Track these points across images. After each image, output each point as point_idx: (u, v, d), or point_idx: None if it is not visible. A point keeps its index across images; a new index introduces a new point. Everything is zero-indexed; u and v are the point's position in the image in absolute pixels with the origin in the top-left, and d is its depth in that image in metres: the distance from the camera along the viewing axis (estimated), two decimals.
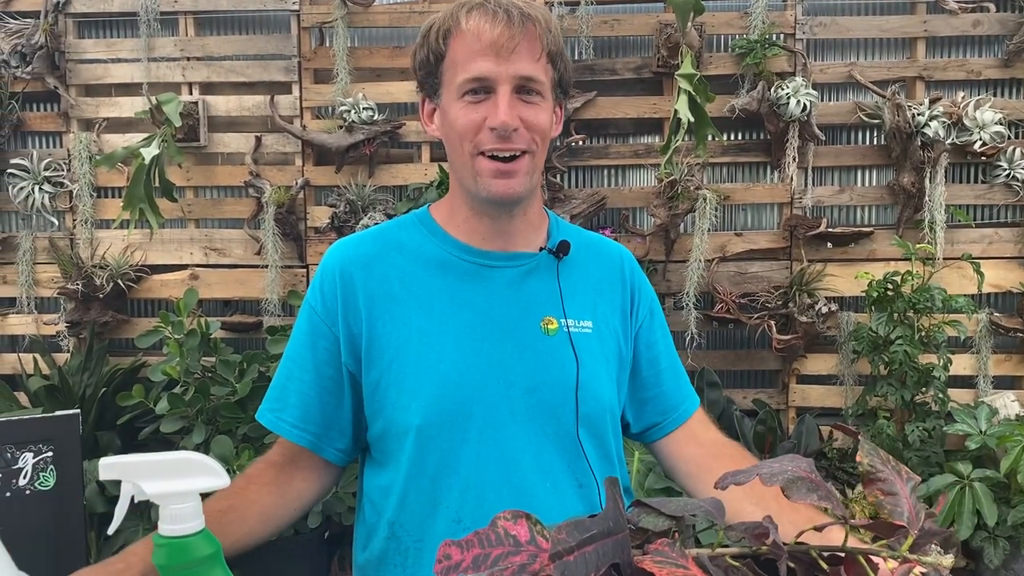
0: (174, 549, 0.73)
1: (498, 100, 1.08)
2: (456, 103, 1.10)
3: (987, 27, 3.00)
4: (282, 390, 1.21)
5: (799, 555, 0.64)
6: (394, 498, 1.15)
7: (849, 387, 3.06)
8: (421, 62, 1.15)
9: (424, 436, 1.12)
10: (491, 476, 1.11)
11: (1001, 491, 2.69)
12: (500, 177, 1.10)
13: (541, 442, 1.14)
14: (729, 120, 3.02)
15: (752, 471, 0.63)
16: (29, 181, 3.12)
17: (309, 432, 1.19)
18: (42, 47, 3.10)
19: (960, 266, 2.95)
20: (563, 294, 1.19)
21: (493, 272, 1.19)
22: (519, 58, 1.08)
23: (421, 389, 1.12)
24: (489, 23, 1.07)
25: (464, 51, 1.09)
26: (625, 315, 1.26)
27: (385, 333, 1.15)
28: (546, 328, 1.17)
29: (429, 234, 1.22)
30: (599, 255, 1.28)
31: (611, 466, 1.22)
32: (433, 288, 1.17)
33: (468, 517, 1.11)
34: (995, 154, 2.96)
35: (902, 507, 0.61)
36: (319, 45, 3.16)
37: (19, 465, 1.39)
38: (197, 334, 2.77)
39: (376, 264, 1.19)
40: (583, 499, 1.15)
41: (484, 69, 1.07)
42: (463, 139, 1.11)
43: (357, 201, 3.03)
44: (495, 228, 1.19)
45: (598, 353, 1.19)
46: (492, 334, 1.15)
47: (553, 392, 1.14)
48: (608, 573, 0.59)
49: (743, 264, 3.08)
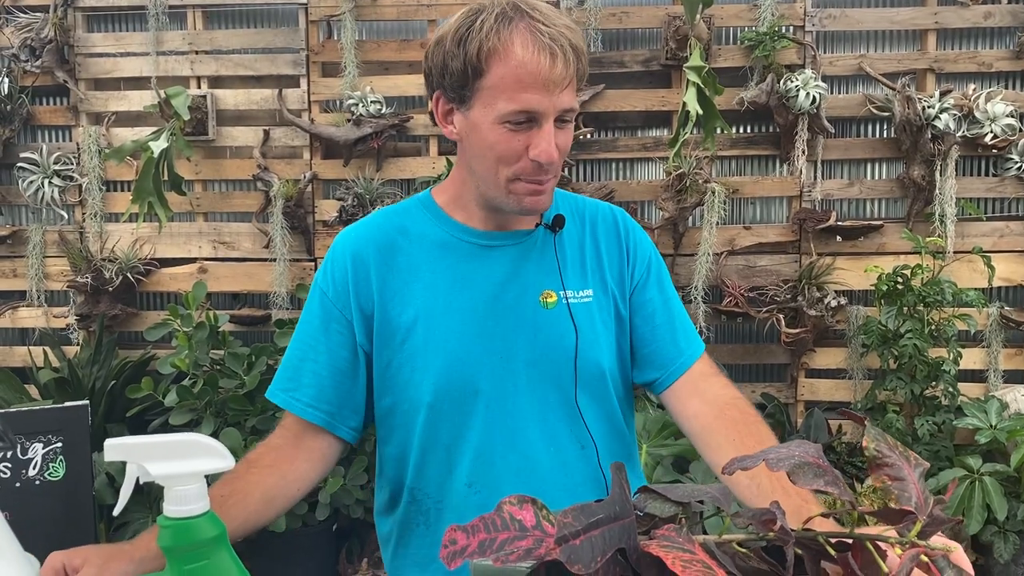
0: (179, 530, 0.73)
1: (543, 134, 1.10)
2: (495, 126, 1.10)
3: (998, 19, 2.98)
4: (295, 371, 1.24)
5: (806, 541, 0.63)
6: (411, 465, 1.22)
7: (858, 381, 3.05)
8: (453, 71, 1.11)
9: (435, 411, 1.19)
10: (498, 444, 1.19)
11: (1011, 485, 2.68)
12: (532, 196, 1.15)
13: (544, 410, 1.21)
14: (738, 113, 3.00)
15: (759, 456, 0.62)
16: (39, 175, 3.13)
17: (323, 411, 1.22)
18: (51, 41, 3.11)
19: (970, 259, 2.94)
20: (561, 266, 1.24)
21: (494, 251, 1.23)
22: (564, 92, 1.10)
23: (430, 367, 1.18)
24: (548, 60, 1.06)
25: (512, 79, 1.07)
26: (623, 276, 1.30)
27: (395, 315, 1.20)
28: (545, 302, 1.22)
29: (432, 217, 1.26)
30: (594, 220, 1.31)
31: (615, 428, 1.27)
32: (437, 270, 1.22)
33: (479, 481, 1.19)
34: (1006, 147, 2.94)
35: (910, 492, 0.61)
36: (327, 38, 3.17)
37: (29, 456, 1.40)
38: (206, 327, 2.78)
39: (384, 248, 1.23)
40: (585, 460, 1.22)
41: (533, 103, 1.08)
42: (500, 163, 1.12)
43: (365, 195, 3.04)
44: (500, 216, 1.23)
45: (598, 321, 1.24)
46: (494, 311, 1.20)
47: (553, 363, 1.21)
48: (614, 558, 0.59)
49: (752, 257, 3.07)
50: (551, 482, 1.20)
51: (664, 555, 0.57)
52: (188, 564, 0.72)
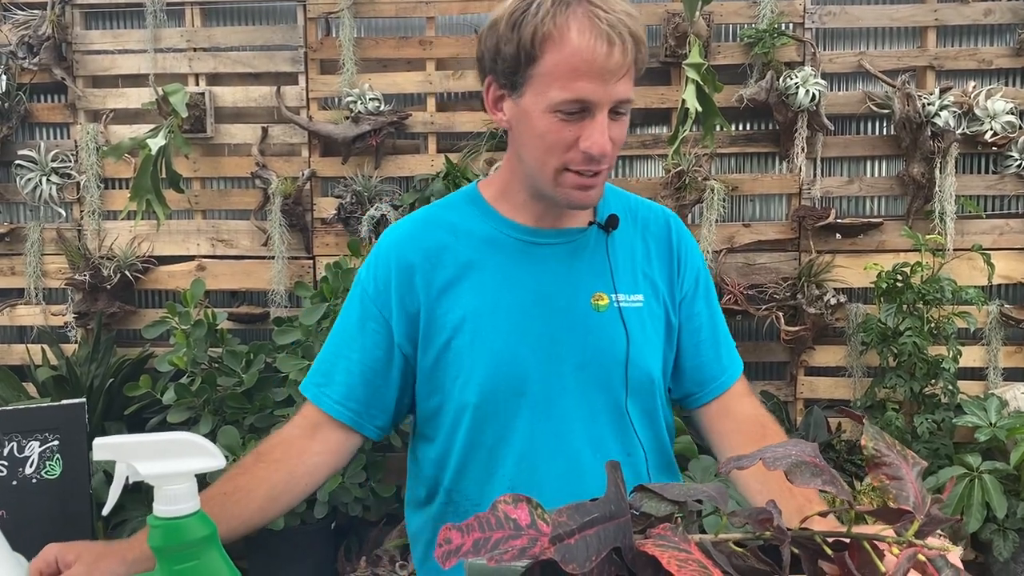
0: (169, 530, 0.72)
1: (596, 124, 1.05)
2: (546, 114, 1.06)
3: (999, 16, 2.97)
4: (329, 365, 1.23)
5: (803, 541, 0.63)
6: (451, 468, 1.20)
7: (858, 379, 3.04)
8: (506, 55, 1.07)
9: (481, 412, 1.16)
10: (544, 448, 1.16)
11: (1011, 483, 2.68)
12: (581, 190, 1.11)
13: (591, 415, 1.17)
14: (737, 110, 3.00)
15: (756, 455, 0.62)
16: (37, 172, 3.12)
17: (351, 409, 1.20)
18: (49, 38, 3.10)
19: (970, 257, 2.93)
20: (613, 268, 1.20)
21: (544, 249, 1.19)
22: (621, 82, 1.05)
23: (477, 368, 1.15)
24: (605, 47, 1.01)
25: (567, 67, 1.03)
26: (672, 283, 1.26)
27: (441, 314, 1.17)
28: (596, 304, 1.18)
29: (480, 213, 1.22)
30: (647, 223, 1.27)
31: (658, 437, 1.25)
32: (485, 268, 1.18)
33: (521, 486, 1.14)
34: (1006, 144, 2.93)
35: (908, 492, 0.60)
36: (325, 35, 3.16)
37: (25, 454, 1.39)
38: (204, 325, 2.78)
39: (431, 249, 1.20)
40: (631, 468, 1.18)
41: (587, 92, 1.03)
42: (550, 152, 1.08)
43: (363, 192, 3.03)
44: (550, 211, 1.19)
45: (648, 327, 1.21)
46: (543, 312, 1.17)
47: (603, 367, 1.17)
48: (609, 557, 0.58)
49: (751, 255, 3.07)
50: (596, 488, 1.16)
51: (660, 554, 0.57)
52: (178, 564, 0.72)
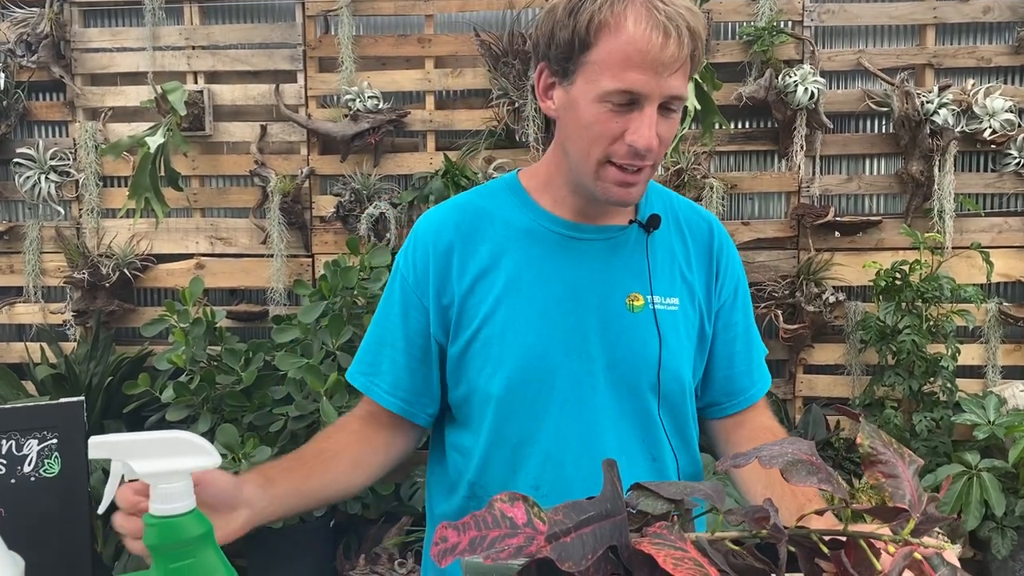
0: (164, 529, 0.72)
1: (644, 118, 1.02)
2: (595, 104, 1.04)
3: (997, 14, 2.97)
4: (375, 355, 1.22)
5: (800, 539, 0.63)
6: (475, 461, 1.18)
7: (856, 377, 3.04)
8: (560, 41, 1.05)
9: (506, 405, 1.14)
10: (571, 447, 1.14)
11: (1009, 481, 2.68)
12: (622, 186, 1.08)
13: (620, 417, 1.16)
14: (736, 108, 3.00)
15: (752, 454, 0.62)
16: (35, 170, 3.12)
17: (400, 399, 1.20)
18: (47, 36, 3.10)
19: (969, 255, 2.93)
20: (651, 269, 1.17)
21: (582, 245, 1.17)
22: (674, 77, 1.02)
23: (505, 359, 1.13)
24: (660, 38, 0.99)
25: (620, 56, 1.01)
26: (710, 291, 1.24)
27: (474, 303, 1.16)
28: (631, 304, 1.16)
29: (519, 203, 1.20)
30: (689, 226, 1.25)
31: (687, 444, 1.23)
32: (521, 259, 1.16)
33: (546, 485, 1.13)
34: (1005, 142, 2.93)
35: (904, 490, 0.60)
36: (324, 33, 3.16)
37: (24, 452, 1.39)
38: (203, 323, 2.78)
39: (468, 234, 1.18)
40: (655, 473, 1.17)
41: (638, 84, 1.01)
42: (594, 143, 1.06)
43: (362, 190, 3.03)
44: (591, 208, 1.17)
45: (682, 332, 1.19)
46: (577, 308, 1.15)
47: (634, 369, 1.15)
48: (605, 555, 0.58)
49: (750, 253, 3.06)
50: None
51: (655, 553, 0.57)
52: (174, 563, 0.72)
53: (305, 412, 2.60)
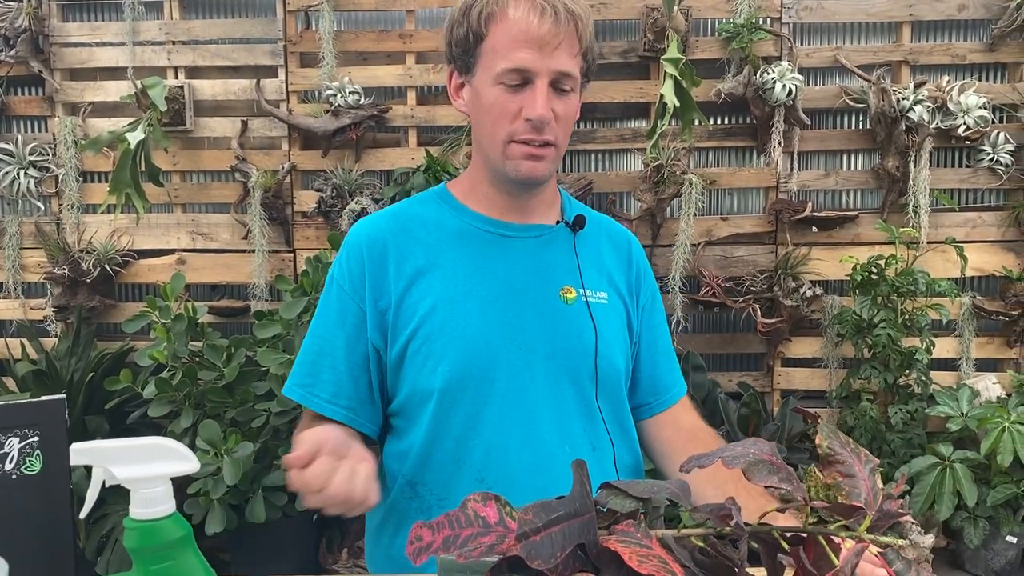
0: (145, 532, 0.74)
1: (536, 93, 1.12)
2: (492, 88, 1.14)
3: (972, 11, 3.01)
4: (313, 365, 1.22)
5: (762, 535, 0.66)
6: (412, 459, 1.18)
7: (833, 370, 3.09)
8: (459, 39, 1.17)
9: (447, 398, 1.16)
10: (514, 438, 1.16)
11: (981, 472, 2.73)
12: (529, 160, 1.15)
13: (560, 406, 1.19)
14: (715, 104, 3.02)
15: (715, 454, 0.64)
16: (14, 166, 3.10)
17: (343, 407, 1.20)
18: (26, 30, 3.08)
19: (944, 250, 2.98)
20: (580, 265, 1.24)
21: (513, 242, 1.23)
22: (560, 53, 1.11)
23: (446, 353, 1.16)
24: (537, 17, 1.10)
25: (507, 39, 1.12)
26: (631, 290, 1.31)
27: (412, 303, 1.18)
28: (565, 297, 1.21)
29: (449, 208, 1.26)
30: (609, 234, 1.33)
31: (625, 431, 1.27)
32: (456, 258, 1.21)
33: (491, 477, 1.15)
34: (979, 138, 2.98)
35: (860, 489, 0.63)
36: (305, 29, 3.15)
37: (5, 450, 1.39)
38: (184, 319, 2.77)
39: (401, 239, 1.22)
40: (597, 461, 1.20)
41: (526, 61, 1.11)
42: (497, 124, 1.15)
43: (344, 186, 3.03)
44: (515, 203, 1.23)
45: (614, 323, 1.25)
46: (514, 301, 1.19)
47: (572, 359, 1.19)
48: (574, 553, 0.60)
49: (729, 248, 3.10)
50: (565, 482, 1.16)
51: (622, 550, 0.59)
52: (154, 565, 0.74)
53: (287, 408, 2.61)
